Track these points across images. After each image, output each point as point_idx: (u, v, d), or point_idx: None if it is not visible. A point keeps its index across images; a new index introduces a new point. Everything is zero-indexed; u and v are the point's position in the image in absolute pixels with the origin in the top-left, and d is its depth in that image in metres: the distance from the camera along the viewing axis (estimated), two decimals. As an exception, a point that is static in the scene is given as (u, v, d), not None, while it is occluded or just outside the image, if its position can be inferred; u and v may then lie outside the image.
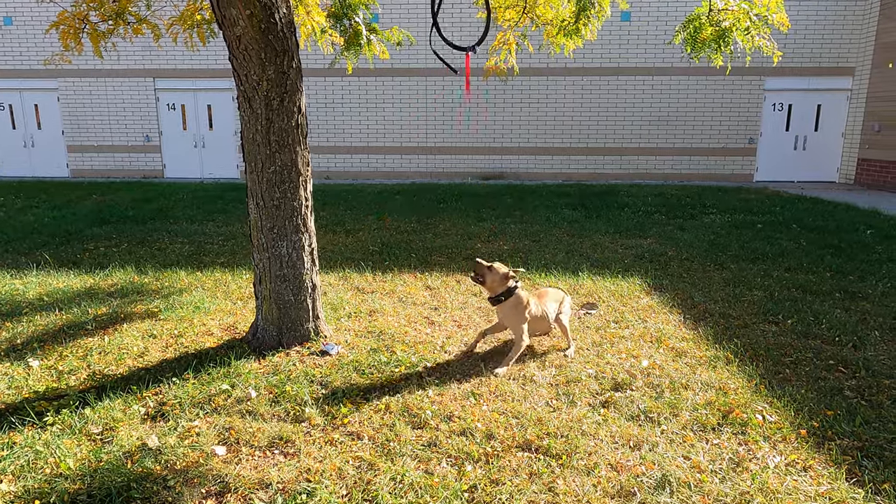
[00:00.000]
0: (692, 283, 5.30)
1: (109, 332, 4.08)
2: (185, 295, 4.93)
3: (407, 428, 2.87)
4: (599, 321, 4.38)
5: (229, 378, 3.35)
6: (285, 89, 3.47)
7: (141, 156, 14.94)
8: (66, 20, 5.04)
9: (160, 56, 14.21)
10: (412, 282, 5.41)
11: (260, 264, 3.73)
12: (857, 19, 13.36)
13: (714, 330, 4.18)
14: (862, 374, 3.45)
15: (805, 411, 3.02)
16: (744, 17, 3.96)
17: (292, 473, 2.51)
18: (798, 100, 13.94)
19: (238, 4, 3.20)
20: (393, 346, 3.87)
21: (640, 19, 13.64)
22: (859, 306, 4.65)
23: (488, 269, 3.59)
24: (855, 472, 2.54)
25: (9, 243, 6.77)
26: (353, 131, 14.62)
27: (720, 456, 2.66)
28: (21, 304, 4.67)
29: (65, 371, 3.49)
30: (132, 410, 3.01)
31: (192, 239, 7.15)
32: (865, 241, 6.86)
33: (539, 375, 3.46)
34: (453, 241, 7.04)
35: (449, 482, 2.45)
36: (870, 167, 13.04)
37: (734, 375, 3.45)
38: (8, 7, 14.22)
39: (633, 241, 7.12)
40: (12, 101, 14.81)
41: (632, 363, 3.63)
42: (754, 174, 14.30)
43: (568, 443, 2.74)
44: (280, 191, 3.60)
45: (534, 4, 5.38)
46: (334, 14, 5.49)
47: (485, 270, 3.59)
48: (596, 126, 14.29)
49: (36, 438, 2.75)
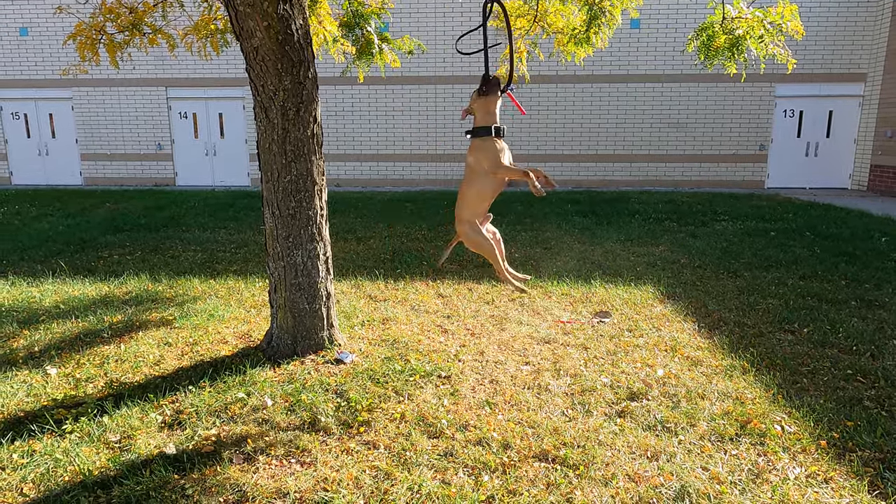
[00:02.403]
0: (706, 291, 5.27)
1: (125, 340, 4.11)
2: (199, 303, 4.96)
3: (423, 437, 2.86)
4: (613, 330, 4.37)
5: (245, 386, 3.36)
6: (301, 99, 3.50)
7: (153, 164, 15.09)
8: (84, 31, 5.11)
9: (172, 65, 14.37)
10: (424, 290, 5.42)
11: (275, 273, 3.75)
12: (868, 25, 13.30)
13: (729, 339, 4.15)
14: (881, 384, 3.41)
15: (824, 422, 2.99)
16: (758, 25, 3.95)
17: (309, 482, 2.52)
18: (809, 106, 13.87)
19: (256, 16, 3.24)
20: (407, 354, 3.87)
21: (650, 26, 13.65)
22: (876, 315, 4.60)
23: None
24: (877, 485, 2.51)
25: (24, 251, 6.85)
26: (363, 139, 14.70)
27: (739, 467, 2.63)
28: (38, 311, 4.72)
29: (82, 379, 3.52)
30: (149, 418, 3.03)
31: (205, 247, 7.20)
32: (880, 249, 6.80)
33: (554, 384, 3.45)
34: (464, 249, 7.02)
35: (466, 492, 2.45)
36: (883, 173, 12.93)
37: (751, 385, 3.43)
38: (24, 18, 14.45)
39: (644, 248, 7.09)
40: (27, 110, 15.02)
41: (647, 372, 3.61)
42: (766, 181, 14.22)
43: (585, 453, 2.72)
44: (296, 200, 3.62)
45: (545, 13, 5.40)
46: (346, 24, 5.54)
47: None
48: (606, 133, 14.29)
49: (55, 446, 2.77)
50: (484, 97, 3.35)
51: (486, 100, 3.35)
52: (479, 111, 3.38)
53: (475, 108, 3.39)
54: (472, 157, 3.40)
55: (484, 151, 3.33)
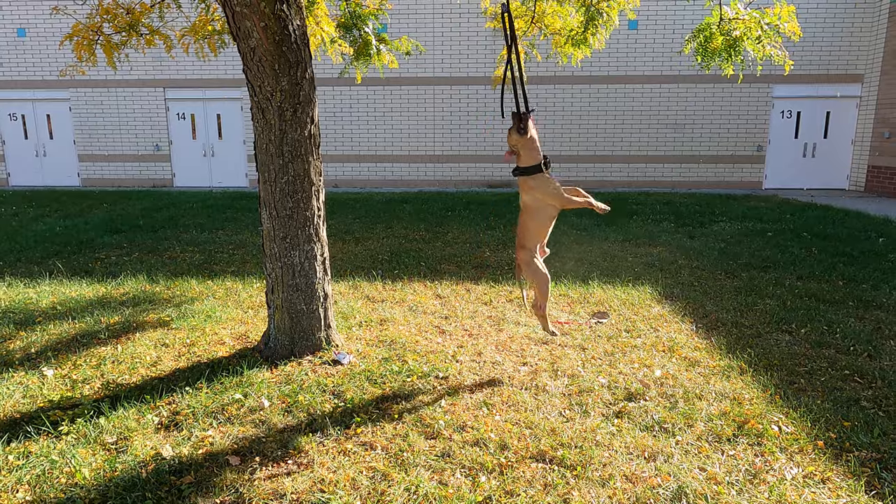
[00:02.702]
0: (703, 292, 5.27)
1: (122, 341, 4.10)
2: (197, 304, 4.95)
3: (420, 438, 2.86)
4: (611, 330, 4.37)
5: (242, 387, 3.35)
6: (298, 100, 3.50)
7: (151, 165, 15.06)
8: (81, 32, 5.09)
9: (170, 66, 14.35)
10: (422, 290, 5.41)
11: (272, 274, 3.75)
12: (865, 26, 13.33)
13: (727, 339, 4.16)
14: (878, 385, 3.42)
15: (822, 422, 2.99)
16: (755, 26, 3.96)
17: (306, 484, 2.51)
18: (807, 107, 13.90)
19: (253, 17, 3.23)
20: (404, 355, 3.87)
21: (647, 28, 13.67)
22: (873, 315, 4.61)
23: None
24: (874, 485, 2.51)
25: (22, 252, 6.84)
26: (361, 140, 14.70)
27: (736, 467, 2.63)
28: (34, 312, 4.70)
29: (79, 380, 3.51)
30: (146, 420, 3.02)
31: (203, 248, 7.19)
32: (878, 250, 6.81)
33: (551, 385, 3.45)
34: (462, 250, 7.04)
35: (463, 493, 2.44)
36: (880, 174, 12.96)
37: (748, 385, 3.43)
38: (21, 19, 14.42)
39: (642, 249, 7.10)
40: (25, 111, 14.99)
41: (644, 373, 3.61)
42: (763, 182, 14.24)
43: (582, 454, 2.72)
44: (293, 201, 3.62)
45: (542, 14, 5.41)
46: (344, 24, 5.54)
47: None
48: (603, 134, 14.30)
49: (51, 448, 2.76)
50: (523, 136, 3.35)
51: (526, 139, 3.35)
52: (522, 149, 3.37)
53: (518, 147, 3.38)
54: (529, 196, 3.43)
55: (543, 190, 3.38)
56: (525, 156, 3.36)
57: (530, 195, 3.41)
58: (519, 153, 3.37)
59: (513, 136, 3.37)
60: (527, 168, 3.35)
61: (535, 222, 3.46)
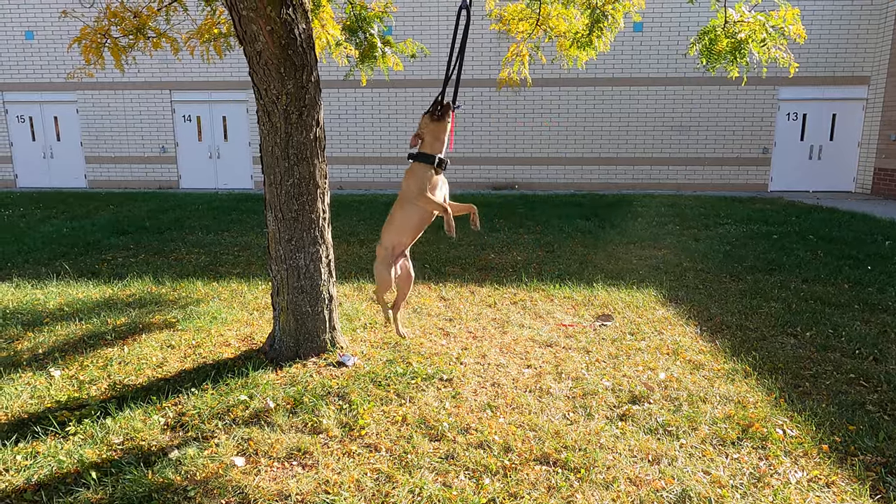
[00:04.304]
0: (708, 295, 5.26)
1: (129, 343, 4.13)
2: (202, 305, 4.98)
3: (424, 440, 2.87)
4: (615, 333, 4.36)
5: (247, 389, 3.37)
6: (304, 103, 3.52)
7: (157, 167, 15.14)
8: (89, 35, 5.14)
9: (176, 69, 14.43)
10: (426, 293, 5.42)
11: (278, 276, 3.76)
12: (871, 28, 13.28)
13: (731, 342, 4.15)
14: (884, 388, 3.41)
15: (826, 426, 2.98)
16: (760, 28, 3.95)
17: (311, 485, 2.52)
18: (813, 109, 13.86)
19: (259, 21, 3.26)
20: (409, 357, 3.88)
21: (652, 30, 13.67)
22: (879, 318, 4.59)
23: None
24: (879, 489, 2.51)
25: (29, 253, 6.88)
26: (366, 142, 14.74)
27: (741, 471, 2.63)
28: (42, 313, 4.74)
29: (86, 381, 3.53)
30: (152, 421, 3.04)
31: (208, 249, 7.22)
32: (884, 253, 6.78)
33: (555, 388, 3.45)
34: (466, 252, 7.05)
35: (467, 495, 2.45)
36: (887, 177, 12.90)
37: (753, 389, 3.42)
38: (30, 22, 14.54)
39: (647, 251, 7.09)
40: (32, 113, 15.10)
41: (649, 376, 3.61)
42: (769, 184, 14.20)
43: (586, 456, 2.73)
44: (298, 203, 3.64)
45: (547, 17, 5.41)
46: (349, 27, 5.57)
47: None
48: (608, 136, 14.29)
49: (59, 448, 2.79)
50: (436, 123, 3.32)
51: (437, 126, 3.32)
52: (428, 136, 3.34)
53: (425, 133, 3.34)
54: (404, 183, 3.40)
55: (415, 178, 3.33)
56: (427, 144, 3.35)
57: (405, 181, 3.40)
58: (423, 139, 3.36)
59: (425, 118, 3.35)
60: (417, 155, 3.35)
61: (401, 213, 3.44)
